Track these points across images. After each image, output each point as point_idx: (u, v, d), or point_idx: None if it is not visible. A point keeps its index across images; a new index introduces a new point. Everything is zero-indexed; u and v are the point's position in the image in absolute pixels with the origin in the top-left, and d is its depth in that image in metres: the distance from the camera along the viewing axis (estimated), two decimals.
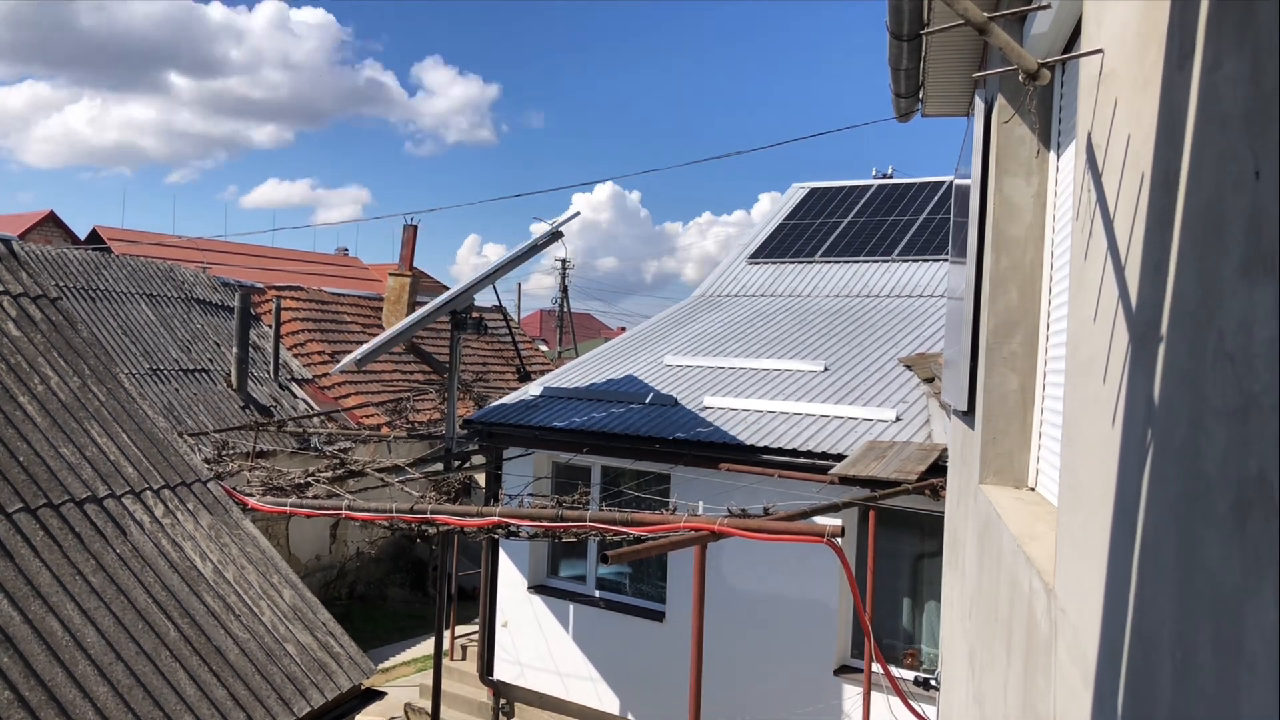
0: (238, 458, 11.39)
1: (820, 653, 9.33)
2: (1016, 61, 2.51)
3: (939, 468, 7.98)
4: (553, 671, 11.10)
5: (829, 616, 9.30)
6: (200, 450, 11.50)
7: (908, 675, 8.50)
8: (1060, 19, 3.11)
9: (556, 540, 7.52)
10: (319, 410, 16.36)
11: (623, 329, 46.46)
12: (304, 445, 14.66)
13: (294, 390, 16.80)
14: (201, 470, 5.38)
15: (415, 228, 19.90)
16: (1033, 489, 3.82)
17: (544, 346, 40.08)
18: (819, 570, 9.12)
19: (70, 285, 14.53)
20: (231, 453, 11.78)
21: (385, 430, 16.32)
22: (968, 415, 4.49)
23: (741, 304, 14.53)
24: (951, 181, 14.56)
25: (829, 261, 15.08)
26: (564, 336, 42.52)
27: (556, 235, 11.54)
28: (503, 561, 11.58)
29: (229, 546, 5.03)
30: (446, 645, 11.83)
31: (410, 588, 16.97)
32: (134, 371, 13.91)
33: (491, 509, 6.98)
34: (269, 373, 16.54)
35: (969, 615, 4.46)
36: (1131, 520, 1.59)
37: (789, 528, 6.15)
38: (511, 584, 11.52)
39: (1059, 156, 3.77)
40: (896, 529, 8.96)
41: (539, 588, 11.40)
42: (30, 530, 4.16)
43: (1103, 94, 2.01)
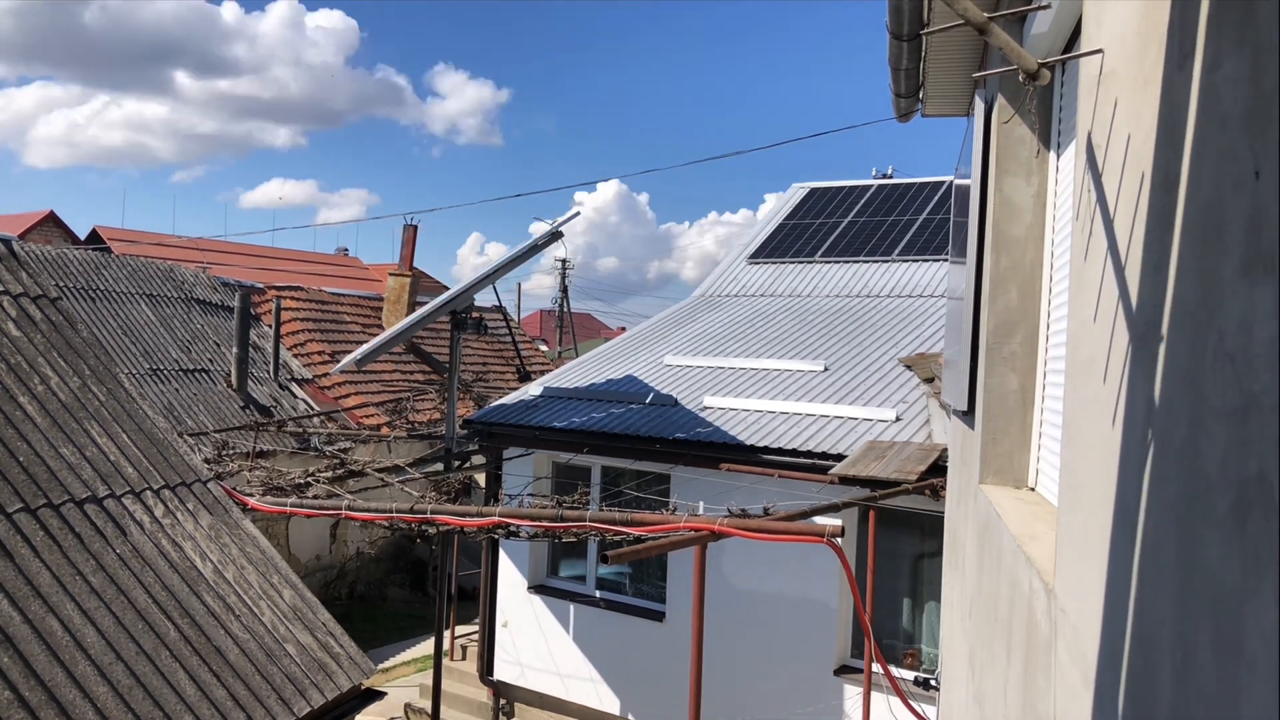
0: (238, 458, 11.39)
1: (820, 653, 9.33)
2: (1016, 61, 2.51)
3: (939, 468, 7.98)
4: (553, 671, 11.10)
5: (829, 616, 9.30)
6: (200, 450, 11.50)
7: (908, 675, 8.50)
8: (1060, 19, 3.11)
9: (556, 540, 7.52)
10: (319, 410, 16.36)
11: (623, 329, 46.46)
12: (304, 445, 14.66)
13: (294, 390, 16.80)
14: (201, 470, 5.38)
15: (415, 228, 19.91)
16: (1033, 489, 3.82)
17: (544, 346, 40.08)
18: (819, 570, 9.13)
19: (70, 285, 14.53)
20: (231, 453, 11.78)
21: (385, 430, 16.32)
22: (968, 415, 4.49)
23: (741, 304, 14.53)
24: (951, 181, 14.55)
25: (829, 261, 15.08)
26: (564, 336, 42.53)
27: (556, 235, 11.54)
28: (503, 561, 11.58)
29: (229, 546, 5.03)
30: (446, 645, 11.83)
31: (410, 588, 16.97)
32: (134, 371, 13.91)
33: (491, 509, 6.98)
34: (269, 373, 16.54)
35: (969, 615, 4.46)
36: (1131, 520, 1.59)
37: (789, 528, 6.15)
38: (511, 584, 11.52)
39: (1059, 156, 3.77)
40: (896, 529, 8.96)
41: (539, 588, 11.40)
42: (30, 530, 4.16)
43: (1103, 94, 2.01)
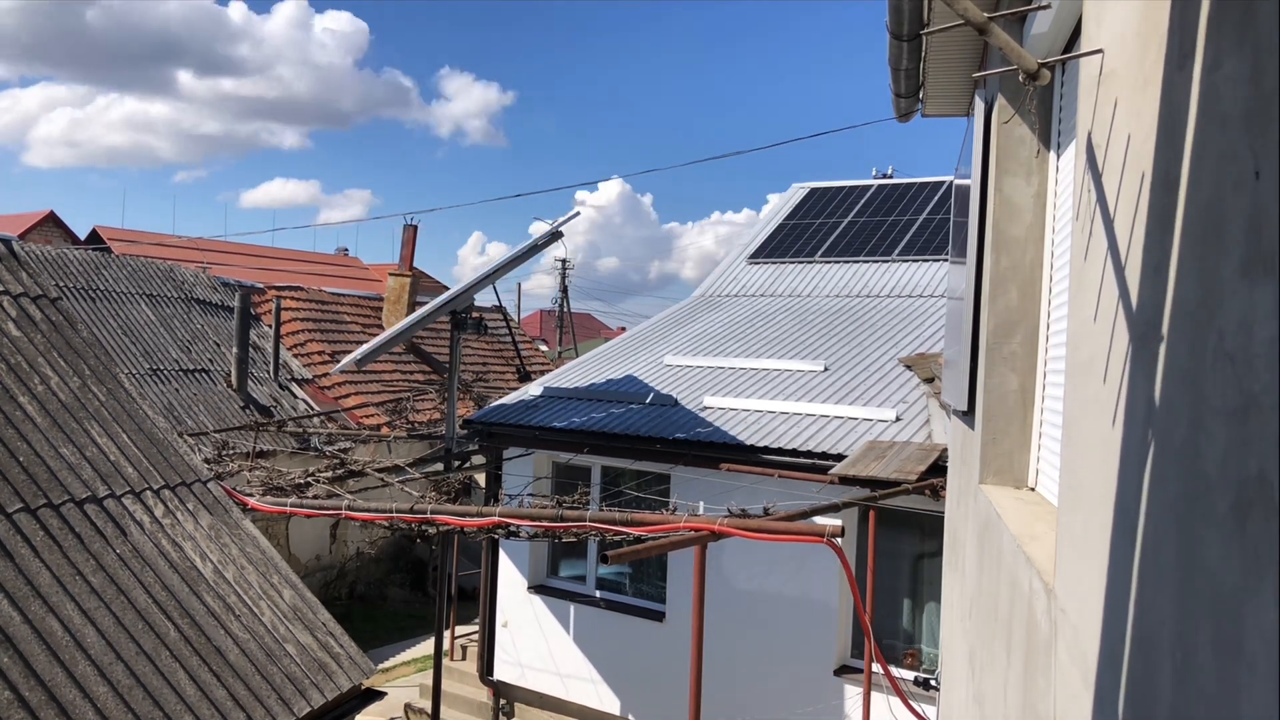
0: (238, 458, 11.39)
1: (820, 653, 9.33)
2: (1016, 61, 2.51)
3: (939, 468, 7.98)
4: (553, 671, 11.10)
5: (829, 616, 9.30)
6: (200, 450, 11.50)
7: (908, 675, 8.50)
8: (1060, 19, 3.11)
9: (556, 540, 7.52)
10: (319, 410, 16.36)
11: (623, 329, 46.47)
12: (304, 445, 14.66)
13: (294, 390, 16.80)
14: (201, 470, 5.38)
15: (415, 228, 19.92)
16: (1033, 489, 3.82)
17: (544, 346, 40.07)
18: (819, 570, 9.13)
19: (70, 285, 14.53)
20: (231, 453, 11.78)
21: (385, 430, 16.32)
22: (968, 415, 4.49)
23: (741, 304, 14.52)
24: (951, 181, 14.55)
25: (829, 261, 15.08)
26: (564, 336, 42.53)
27: (556, 235, 11.55)
28: (503, 561, 11.58)
29: (229, 546, 5.03)
30: (446, 645, 11.83)
31: (410, 588, 16.97)
32: (134, 371, 13.91)
33: (491, 509, 6.98)
34: (269, 373, 16.54)
35: (969, 615, 4.46)
36: (1131, 520, 1.59)
37: (789, 528, 6.15)
38: (511, 584, 11.52)
39: (1059, 156, 3.76)
40: (896, 529, 8.96)
41: (539, 588, 11.40)
42: (30, 530, 4.16)
43: (1103, 94, 2.01)
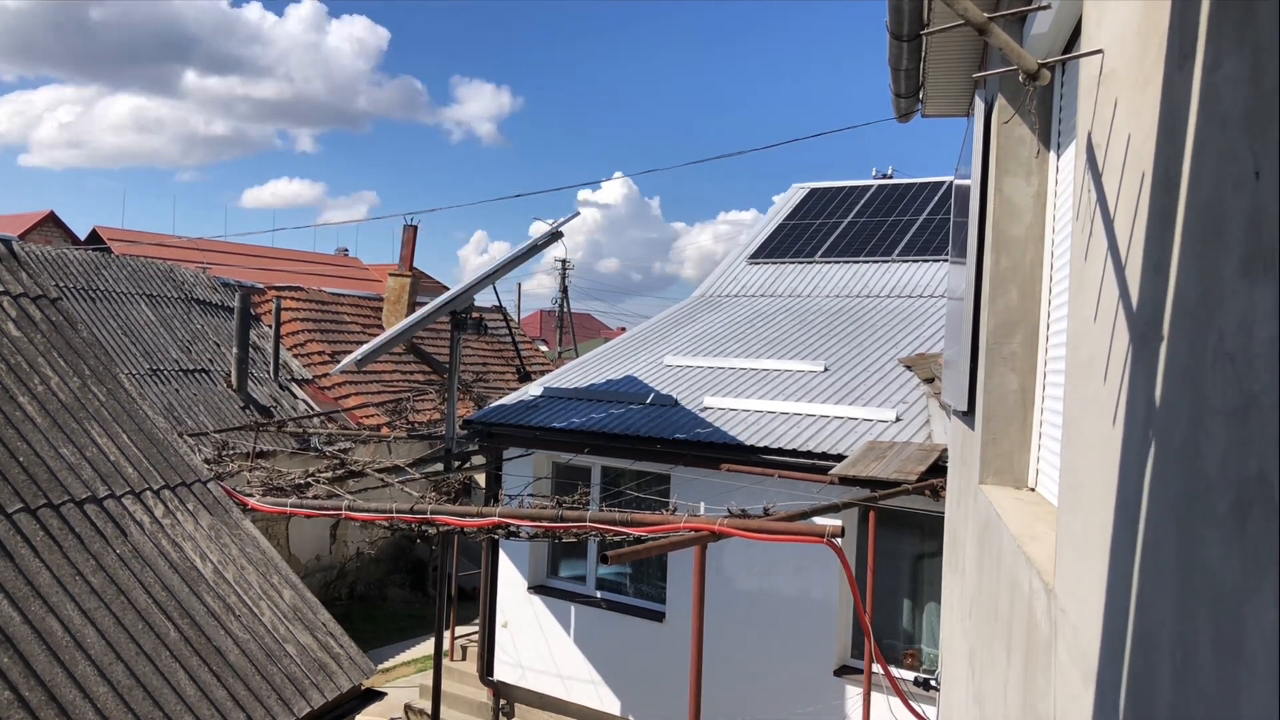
0: (238, 458, 11.39)
1: (820, 653, 9.33)
2: (1016, 62, 2.51)
3: (939, 468, 7.98)
4: (553, 672, 11.10)
5: (829, 616, 9.30)
6: (200, 450, 11.50)
7: (908, 675, 8.50)
8: (1060, 19, 3.11)
9: (556, 540, 7.52)
10: (319, 410, 16.36)
11: (623, 329, 46.47)
12: (304, 445, 14.66)
13: (294, 390, 16.80)
14: (201, 470, 5.38)
15: (415, 228, 19.94)
16: (1033, 489, 3.82)
17: (544, 347, 40.07)
18: (819, 570, 9.13)
19: (70, 285, 14.53)
20: (231, 453, 11.78)
21: (385, 430, 16.32)
22: (968, 415, 4.49)
23: (741, 304, 14.53)
24: (951, 181, 14.55)
25: (829, 262, 15.08)
26: (564, 336, 42.54)
27: (556, 235, 11.55)
28: (503, 562, 11.58)
29: (229, 547, 5.03)
30: (446, 645, 11.83)
31: (410, 588, 16.97)
32: (134, 372, 13.91)
33: (491, 509, 6.98)
34: (269, 373, 16.54)
35: (969, 615, 4.46)
36: (1132, 520, 1.59)
37: (789, 528, 6.15)
38: (511, 584, 11.52)
39: (1059, 156, 3.76)
40: (896, 529, 8.96)
41: (539, 588, 11.40)
42: (30, 530, 4.16)
43: (1103, 94, 2.01)
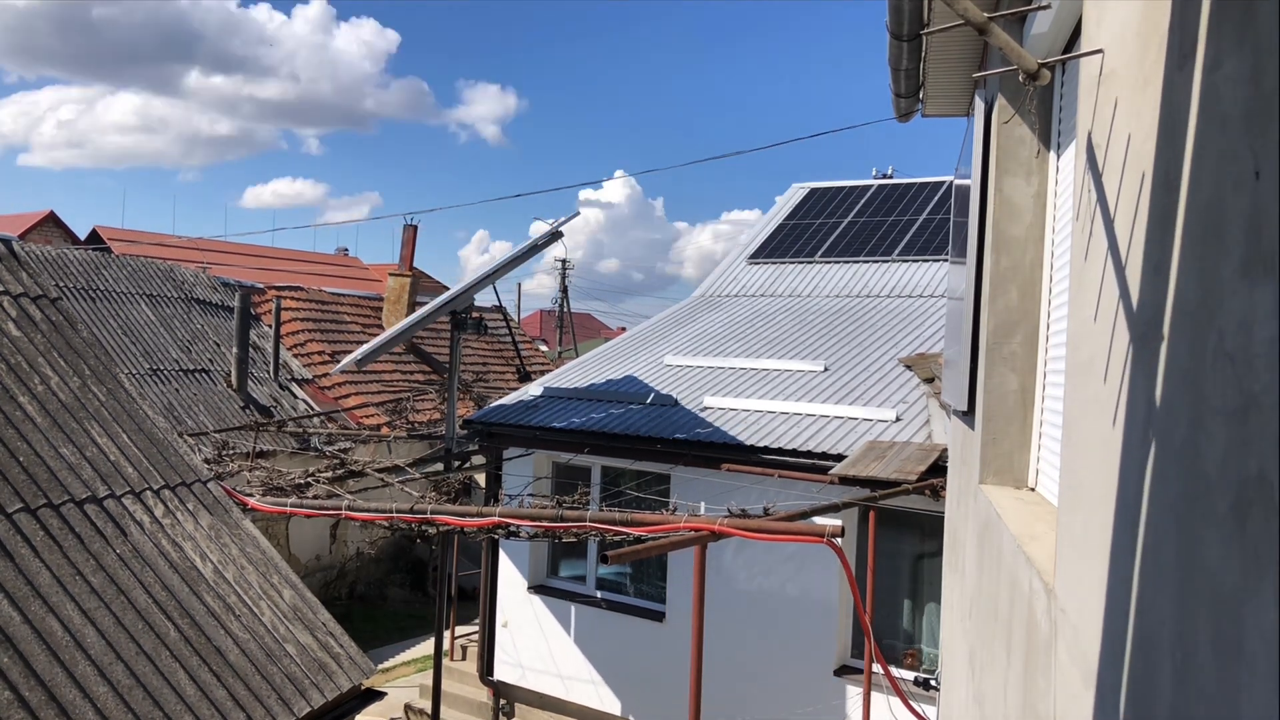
0: (238, 458, 11.39)
1: (820, 653, 9.33)
2: (1016, 61, 2.51)
3: (939, 468, 7.98)
4: (553, 672, 11.10)
5: (829, 616, 9.30)
6: (200, 450, 11.50)
7: (908, 675, 8.50)
8: (1060, 19, 3.11)
9: (556, 540, 7.52)
10: (319, 410, 16.36)
11: (623, 329, 46.47)
12: (304, 445, 14.66)
13: (294, 390, 16.80)
14: (201, 470, 5.38)
15: (415, 228, 19.94)
16: (1033, 489, 3.82)
17: (544, 346, 40.07)
18: (819, 570, 9.13)
19: (70, 285, 14.53)
20: (231, 453, 11.78)
21: (385, 430, 16.32)
22: (968, 415, 4.49)
23: (741, 304, 14.52)
24: (951, 181, 14.55)
25: (829, 262, 15.08)
26: (564, 336, 42.54)
27: (556, 235, 11.55)
28: (503, 561, 11.58)
29: (229, 547, 5.03)
30: (446, 645, 11.82)
31: (410, 588, 16.97)
32: (134, 371, 13.91)
33: (491, 509, 6.98)
34: (269, 373, 16.54)
35: (969, 615, 4.46)
36: (1132, 520, 1.59)
37: (789, 528, 6.15)
38: (511, 584, 11.52)
39: (1059, 156, 3.76)
40: (896, 529, 8.96)
41: (539, 588, 11.40)
42: (30, 530, 4.16)
43: (1103, 94, 2.01)
